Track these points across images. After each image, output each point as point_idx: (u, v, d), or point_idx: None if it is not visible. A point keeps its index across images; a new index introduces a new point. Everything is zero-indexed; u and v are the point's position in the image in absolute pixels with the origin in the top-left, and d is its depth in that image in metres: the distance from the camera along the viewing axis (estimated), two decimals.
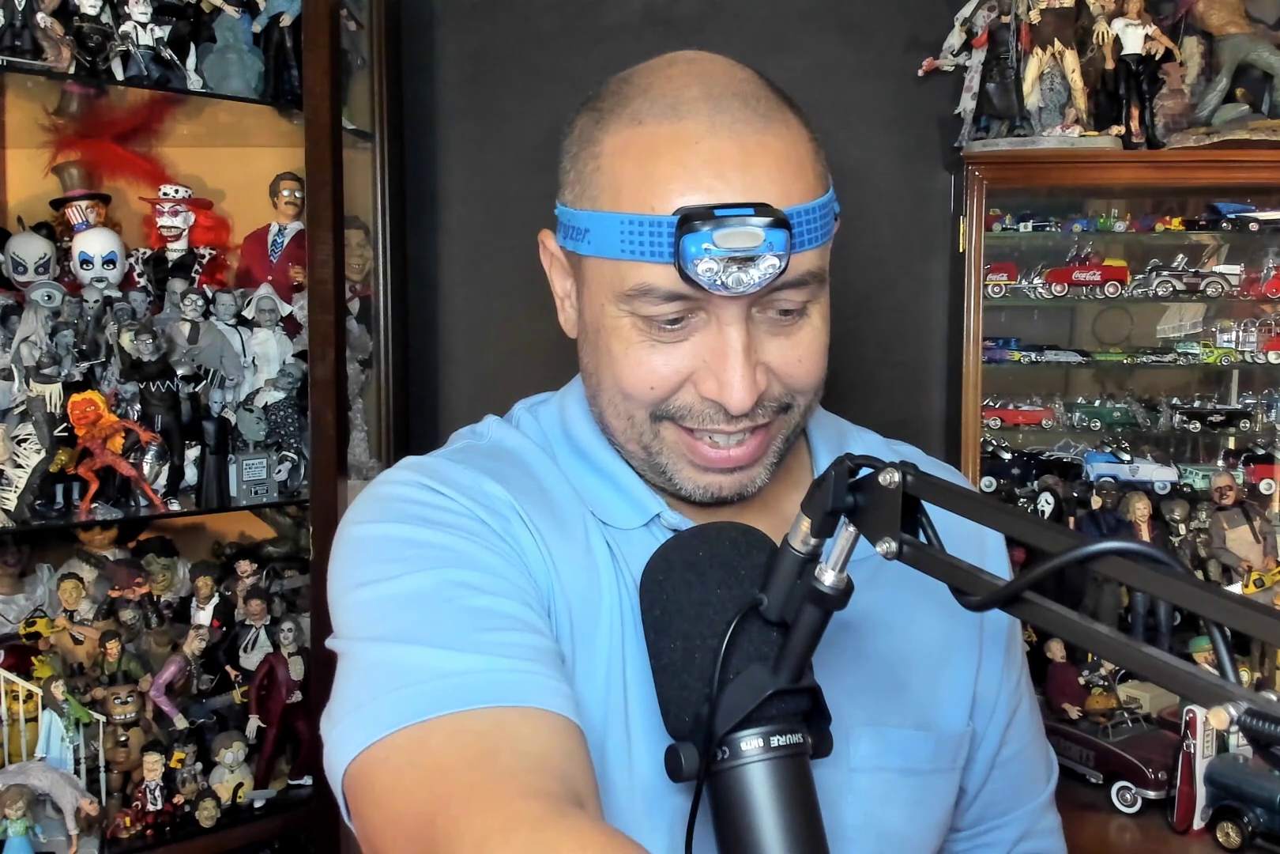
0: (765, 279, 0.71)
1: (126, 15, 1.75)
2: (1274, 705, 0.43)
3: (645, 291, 0.74)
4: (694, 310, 0.75)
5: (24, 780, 1.53)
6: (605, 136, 0.77)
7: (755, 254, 0.70)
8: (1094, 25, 2.02)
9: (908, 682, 0.87)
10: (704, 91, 0.75)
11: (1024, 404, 2.28)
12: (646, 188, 0.73)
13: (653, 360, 0.76)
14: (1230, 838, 1.58)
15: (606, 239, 0.75)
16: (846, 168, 2.10)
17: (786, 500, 0.88)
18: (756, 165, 0.73)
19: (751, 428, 0.78)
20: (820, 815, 0.68)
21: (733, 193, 0.72)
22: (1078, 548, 0.51)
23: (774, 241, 0.70)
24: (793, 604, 0.67)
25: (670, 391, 0.77)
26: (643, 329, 0.76)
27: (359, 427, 1.99)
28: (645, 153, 0.74)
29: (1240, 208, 2.16)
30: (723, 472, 0.79)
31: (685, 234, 0.70)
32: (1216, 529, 2.03)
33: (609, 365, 0.79)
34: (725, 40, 2.10)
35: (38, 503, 1.67)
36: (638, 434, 0.80)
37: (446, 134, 2.19)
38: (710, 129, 0.73)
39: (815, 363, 0.79)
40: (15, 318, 1.70)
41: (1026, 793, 0.97)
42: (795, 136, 0.76)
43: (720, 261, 0.70)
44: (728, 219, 0.70)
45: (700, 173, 0.72)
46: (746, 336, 0.74)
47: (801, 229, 0.73)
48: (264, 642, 1.87)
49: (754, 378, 0.75)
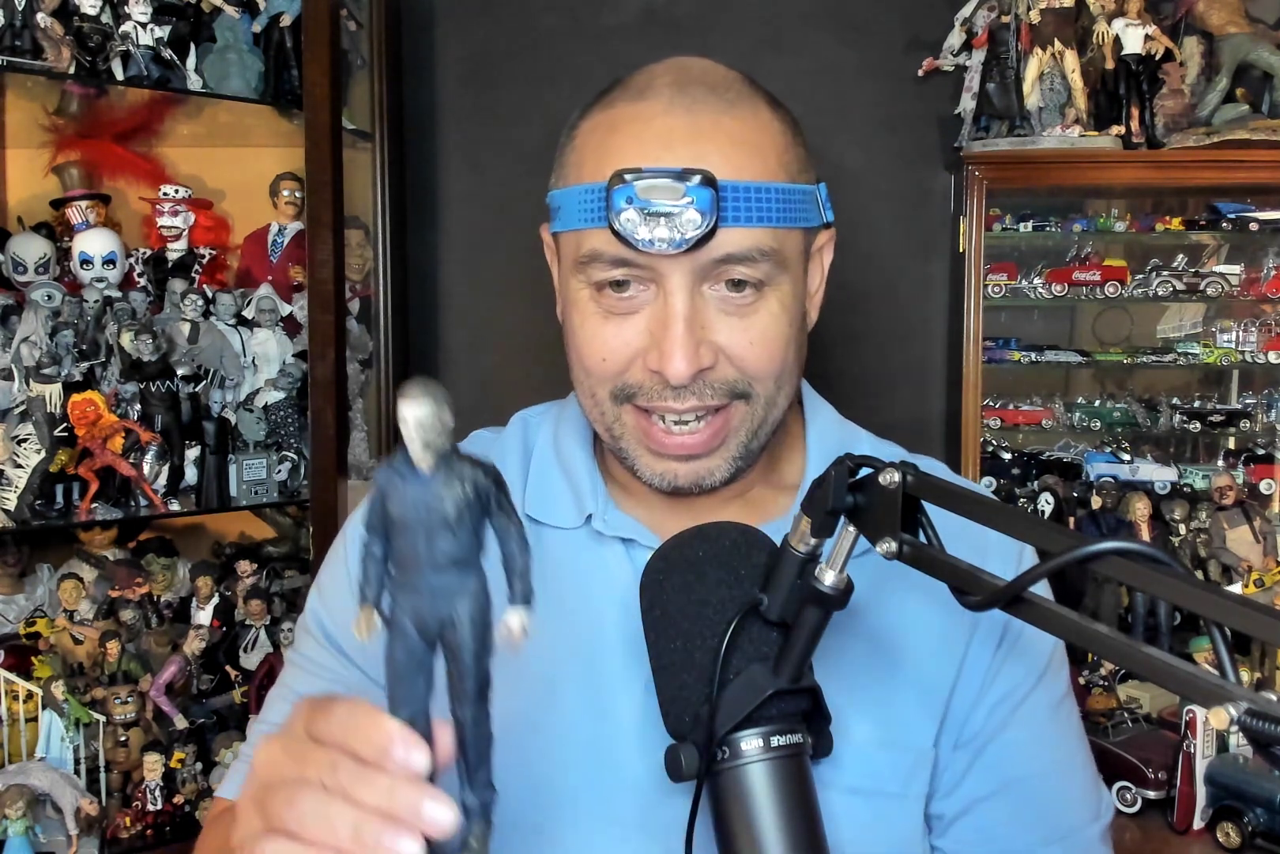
0: (687, 238, 0.72)
1: (126, 15, 1.75)
2: (1274, 705, 0.43)
3: (594, 257, 0.76)
4: (643, 280, 0.76)
5: (24, 780, 1.53)
6: (582, 122, 0.81)
7: (676, 209, 0.71)
8: (1094, 25, 2.02)
9: (870, 692, 0.82)
10: (675, 79, 0.78)
11: (1024, 404, 2.28)
12: (602, 159, 0.77)
13: (605, 332, 0.79)
14: (1230, 838, 1.58)
15: (570, 211, 0.78)
16: (846, 168, 2.11)
17: (774, 503, 0.87)
18: (706, 140, 0.75)
19: (701, 410, 0.78)
20: (820, 815, 0.68)
21: (678, 161, 0.74)
22: (1078, 548, 0.51)
23: (697, 198, 0.72)
24: (793, 604, 0.67)
25: (623, 366, 0.79)
26: (597, 299, 0.79)
27: (359, 426, 1.99)
28: (607, 130, 0.78)
29: (1240, 208, 2.16)
30: (678, 459, 0.80)
31: (613, 188, 0.73)
32: (1216, 529, 2.03)
33: (571, 340, 0.82)
34: (725, 40, 2.10)
35: (38, 503, 1.67)
36: (601, 414, 0.82)
37: (446, 134, 2.19)
38: (667, 108, 0.76)
39: (770, 349, 0.79)
40: (15, 318, 1.70)
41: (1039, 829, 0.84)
42: (761, 124, 0.78)
43: (641, 213, 0.72)
44: (652, 175, 0.73)
45: (650, 145, 0.75)
46: (690, 307, 0.75)
47: (742, 203, 0.74)
48: (264, 642, 1.87)
49: (695, 349, 0.75)
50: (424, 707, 0.54)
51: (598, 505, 0.86)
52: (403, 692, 0.53)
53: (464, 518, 0.51)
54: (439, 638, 0.52)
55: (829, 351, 2.09)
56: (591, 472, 0.89)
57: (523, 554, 0.52)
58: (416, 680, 0.53)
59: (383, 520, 0.52)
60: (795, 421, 0.92)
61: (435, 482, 0.50)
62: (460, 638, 0.52)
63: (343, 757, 0.52)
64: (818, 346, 0.86)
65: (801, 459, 0.90)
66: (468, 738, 0.54)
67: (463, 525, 0.51)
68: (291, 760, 0.54)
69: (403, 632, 0.52)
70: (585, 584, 0.84)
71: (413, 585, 0.52)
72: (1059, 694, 0.88)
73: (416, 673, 0.53)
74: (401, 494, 0.51)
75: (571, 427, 0.91)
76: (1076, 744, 0.89)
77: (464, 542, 0.51)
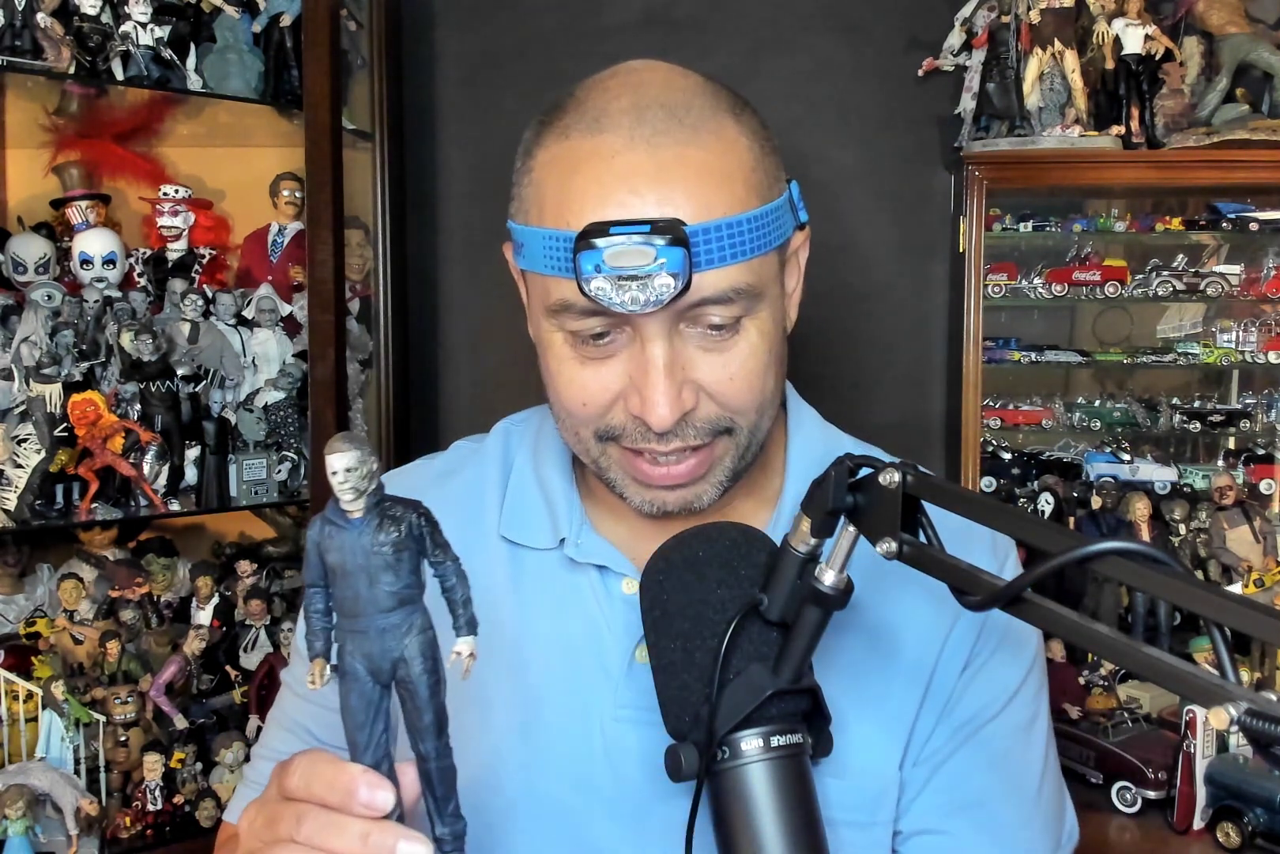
0: (661, 298, 0.69)
1: (126, 15, 1.75)
2: (1274, 705, 0.43)
3: (565, 307, 0.74)
4: (618, 326, 0.74)
5: (24, 780, 1.53)
6: (538, 151, 0.77)
7: (647, 273, 0.68)
8: (1094, 25, 2.02)
9: (870, 691, 0.81)
10: (631, 102, 0.74)
11: (1024, 404, 2.28)
12: (564, 203, 0.73)
13: (583, 377, 0.77)
14: (1230, 838, 1.58)
15: (534, 253, 0.75)
16: (846, 168, 2.11)
17: (753, 517, 0.85)
18: (672, 179, 0.71)
19: (685, 450, 0.77)
20: (820, 815, 0.68)
21: (645, 207, 0.71)
22: (1078, 548, 0.51)
23: (669, 259, 0.68)
24: (793, 604, 0.67)
25: (603, 409, 0.77)
26: (572, 344, 0.76)
27: (359, 427, 1.99)
28: (566, 168, 0.74)
29: (1240, 208, 2.16)
30: (665, 488, 0.79)
31: (580, 251, 0.69)
32: (1216, 529, 2.03)
33: (549, 382, 0.80)
34: (725, 40, 2.10)
35: (38, 503, 1.67)
36: (585, 449, 0.81)
37: (446, 134, 2.19)
38: (628, 143, 0.72)
39: (750, 382, 0.76)
40: (15, 318, 1.70)
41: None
42: (726, 147, 0.74)
43: (611, 280, 0.69)
44: (621, 237, 0.68)
45: (613, 187, 0.71)
46: (669, 352, 0.73)
47: (714, 245, 0.71)
48: (264, 642, 1.87)
49: (677, 394, 0.73)
50: (386, 751, 0.55)
51: (572, 528, 0.86)
52: (363, 737, 0.55)
53: (403, 557, 0.53)
54: (392, 678, 0.54)
55: (829, 352, 2.09)
56: (569, 492, 0.88)
57: (462, 586, 0.54)
58: (375, 725, 0.55)
59: (322, 574, 0.54)
60: (779, 431, 0.90)
61: (369, 526, 0.52)
62: (413, 674, 0.54)
63: (309, 808, 0.53)
64: (818, 347, 0.86)
65: (778, 470, 0.89)
66: (432, 772, 0.55)
67: (402, 564, 0.53)
68: (266, 823, 0.55)
69: (355, 677, 0.54)
70: (560, 609, 0.85)
71: (361, 630, 0.53)
72: (1029, 716, 0.85)
73: (375, 717, 0.55)
74: (340, 543, 0.53)
75: (550, 444, 0.90)
76: (1040, 768, 0.85)
77: (405, 580, 0.53)
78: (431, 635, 0.54)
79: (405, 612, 0.53)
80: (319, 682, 0.54)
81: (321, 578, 0.54)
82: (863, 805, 0.79)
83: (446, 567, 0.54)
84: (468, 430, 1.00)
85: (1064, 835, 0.86)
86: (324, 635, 0.55)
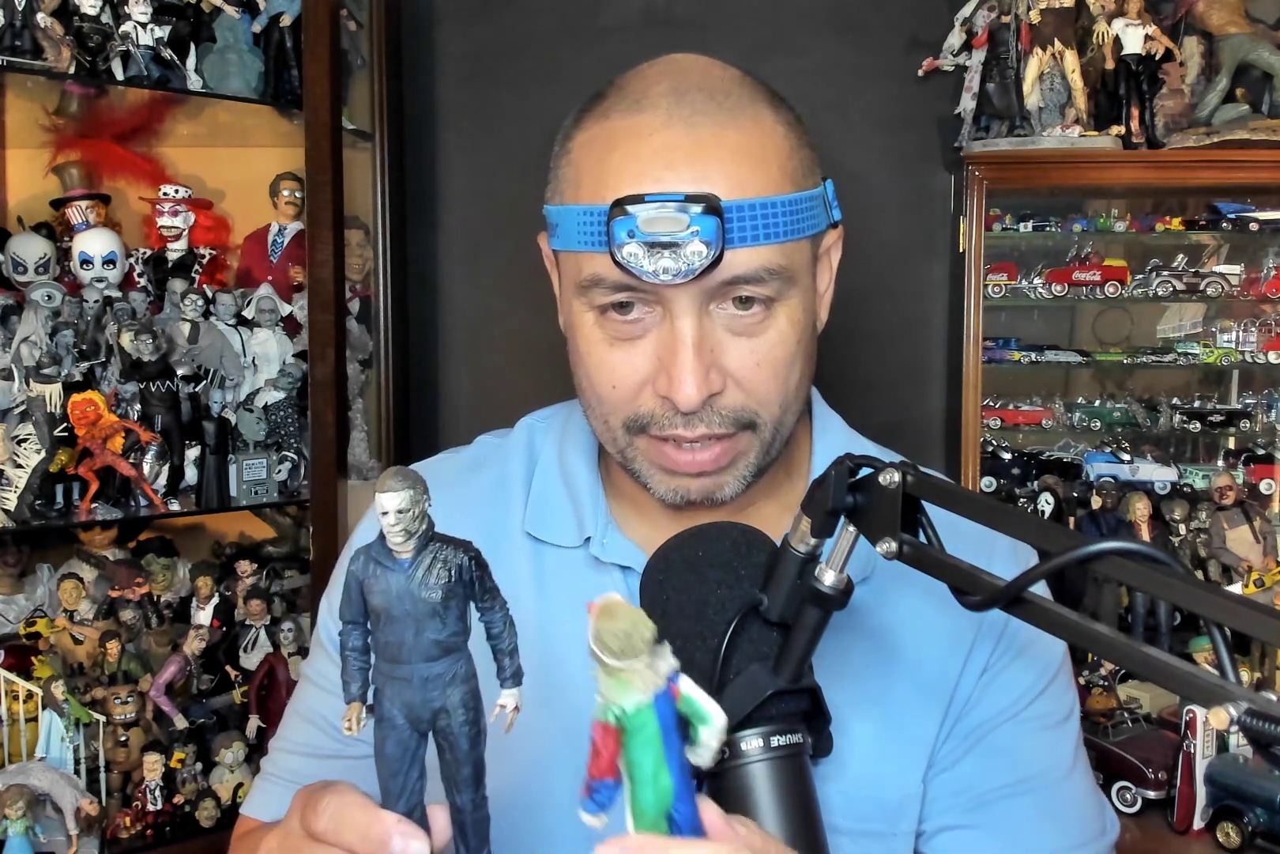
0: (693, 268, 0.70)
1: (126, 15, 1.75)
2: (1274, 705, 0.43)
3: (596, 282, 0.74)
4: (647, 302, 0.75)
5: (24, 780, 1.53)
6: (577, 133, 0.78)
7: (679, 240, 0.69)
8: (1094, 25, 2.02)
9: (870, 691, 0.81)
10: (671, 87, 0.75)
11: (1024, 404, 2.28)
12: (601, 179, 0.74)
13: (613, 359, 0.77)
14: (1230, 838, 1.58)
15: (568, 232, 0.76)
16: (846, 168, 2.11)
17: (775, 522, 0.84)
18: (709, 157, 0.72)
19: (710, 438, 0.77)
20: (820, 815, 0.68)
21: (681, 183, 0.71)
22: (1078, 548, 0.51)
23: (702, 228, 0.69)
24: (793, 604, 0.67)
25: (633, 393, 0.77)
26: (601, 324, 0.77)
27: (359, 426, 1.99)
28: (604, 146, 0.75)
29: (1240, 208, 2.16)
30: (690, 475, 0.79)
31: (614, 218, 0.70)
32: (1216, 529, 2.03)
33: (579, 365, 0.80)
34: (725, 40, 2.10)
35: (38, 503, 1.67)
36: (613, 439, 0.81)
37: (446, 134, 2.19)
38: (666, 121, 0.73)
39: (776, 370, 0.77)
40: (15, 318, 1.69)
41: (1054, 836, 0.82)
42: (764, 132, 0.75)
43: (644, 247, 0.69)
44: (655, 205, 0.69)
45: (650, 163, 0.72)
46: (698, 330, 0.73)
47: (748, 223, 0.71)
48: (264, 642, 1.87)
49: (705, 374, 0.74)
50: (419, 799, 0.53)
51: (598, 527, 0.86)
52: (397, 785, 0.53)
53: (450, 605, 0.50)
54: (431, 727, 0.52)
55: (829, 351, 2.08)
56: (594, 490, 0.88)
57: (510, 634, 0.52)
58: (411, 772, 0.53)
59: (362, 612, 0.52)
60: (804, 435, 0.90)
61: (418, 569, 0.50)
62: (454, 725, 0.51)
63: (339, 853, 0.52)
64: (818, 346, 0.86)
65: (807, 476, 0.90)
66: (467, 823, 0.53)
67: (450, 611, 0.50)
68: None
69: (393, 724, 0.52)
70: (583, 608, 0.84)
71: (403, 677, 0.51)
72: (1059, 714, 0.85)
73: (410, 765, 0.52)
74: (385, 586, 0.50)
75: (576, 440, 0.90)
76: (1069, 764, 0.85)
77: (452, 627, 0.51)
78: (474, 685, 0.52)
79: (450, 660, 0.51)
80: (355, 728, 0.52)
81: (361, 615, 0.52)
82: (881, 815, 0.80)
83: (495, 614, 0.52)
84: (468, 430, 1.00)
85: (1107, 822, 0.86)
86: (360, 677, 0.52)
